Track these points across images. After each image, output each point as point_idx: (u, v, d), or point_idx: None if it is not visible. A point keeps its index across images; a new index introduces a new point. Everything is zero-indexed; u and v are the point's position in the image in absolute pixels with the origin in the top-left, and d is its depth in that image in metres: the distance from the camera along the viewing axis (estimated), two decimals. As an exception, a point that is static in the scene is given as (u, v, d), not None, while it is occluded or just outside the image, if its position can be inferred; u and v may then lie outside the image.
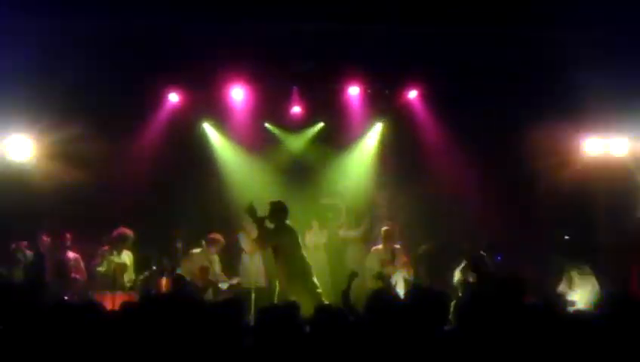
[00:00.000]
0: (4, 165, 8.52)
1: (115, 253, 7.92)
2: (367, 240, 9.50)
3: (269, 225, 7.12)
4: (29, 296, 4.67)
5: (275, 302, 7.09)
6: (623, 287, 8.05)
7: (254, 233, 7.34)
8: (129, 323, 3.86)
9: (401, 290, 7.74)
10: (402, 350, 3.50)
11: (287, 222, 7.18)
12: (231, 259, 9.20)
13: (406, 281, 8.29)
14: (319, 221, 9.65)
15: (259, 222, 7.04)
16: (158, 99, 9.63)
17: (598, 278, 7.01)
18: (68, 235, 8.06)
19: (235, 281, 8.51)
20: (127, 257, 8.12)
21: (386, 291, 4.55)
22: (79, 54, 8.36)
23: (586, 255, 7.49)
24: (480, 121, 9.22)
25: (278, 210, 7.13)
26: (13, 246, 8.07)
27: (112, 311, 4.54)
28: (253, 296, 8.19)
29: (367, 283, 7.90)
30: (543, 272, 7.67)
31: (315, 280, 7.17)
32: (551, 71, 8.63)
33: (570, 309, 5.94)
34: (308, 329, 3.83)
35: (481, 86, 8.98)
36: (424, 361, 3.47)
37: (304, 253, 7.35)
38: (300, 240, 8.29)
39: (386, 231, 8.64)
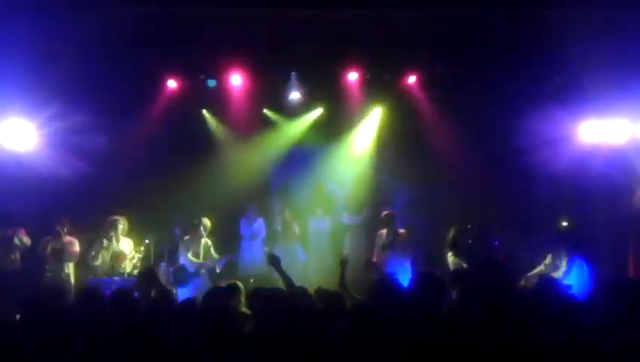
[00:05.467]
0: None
1: (109, 241, 8.03)
2: (369, 226, 9.53)
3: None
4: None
5: None
6: (621, 274, 8.09)
7: None
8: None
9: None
10: (403, 334, 3.52)
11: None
12: (230, 244, 9.27)
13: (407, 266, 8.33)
14: (322, 207, 9.70)
15: None
16: (157, 86, 9.59)
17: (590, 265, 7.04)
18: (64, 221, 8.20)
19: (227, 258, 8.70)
20: (126, 244, 8.19)
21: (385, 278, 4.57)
22: (80, 42, 8.29)
23: (582, 241, 7.53)
24: (478, 104, 9.20)
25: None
26: (10, 232, 8.11)
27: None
28: (251, 281, 8.27)
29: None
30: (539, 257, 7.68)
31: None
32: (549, 50, 8.55)
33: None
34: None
35: (479, 69, 8.95)
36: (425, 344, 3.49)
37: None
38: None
39: (387, 215, 8.66)
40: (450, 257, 7.59)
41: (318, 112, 10.32)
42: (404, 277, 7.52)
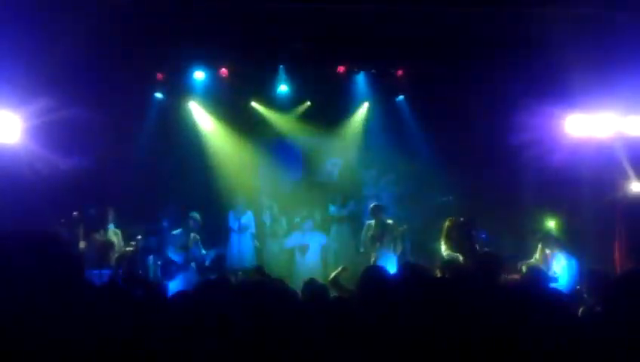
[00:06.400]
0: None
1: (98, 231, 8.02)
2: (355, 218, 9.58)
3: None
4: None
5: None
6: (606, 265, 8.15)
7: None
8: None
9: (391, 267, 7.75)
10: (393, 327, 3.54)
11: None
12: (218, 237, 9.28)
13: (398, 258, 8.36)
14: (311, 199, 9.74)
15: None
16: (145, 79, 9.54)
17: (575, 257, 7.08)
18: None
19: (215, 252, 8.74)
20: (114, 235, 8.15)
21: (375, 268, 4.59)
22: (68, 37, 8.19)
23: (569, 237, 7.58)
24: (464, 99, 9.23)
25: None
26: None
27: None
28: (239, 273, 8.30)
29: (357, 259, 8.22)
30: (525, 249, 7.73)
31: None
32: (535, 47, 8.59)
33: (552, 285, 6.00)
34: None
35: (466, 64, 8.98)
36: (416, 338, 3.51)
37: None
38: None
39: (376, 206, 8.70)
40: (445, 250, 7.54)
41: (305, 106, 10.32)
42: (392, 267, 7.62)
